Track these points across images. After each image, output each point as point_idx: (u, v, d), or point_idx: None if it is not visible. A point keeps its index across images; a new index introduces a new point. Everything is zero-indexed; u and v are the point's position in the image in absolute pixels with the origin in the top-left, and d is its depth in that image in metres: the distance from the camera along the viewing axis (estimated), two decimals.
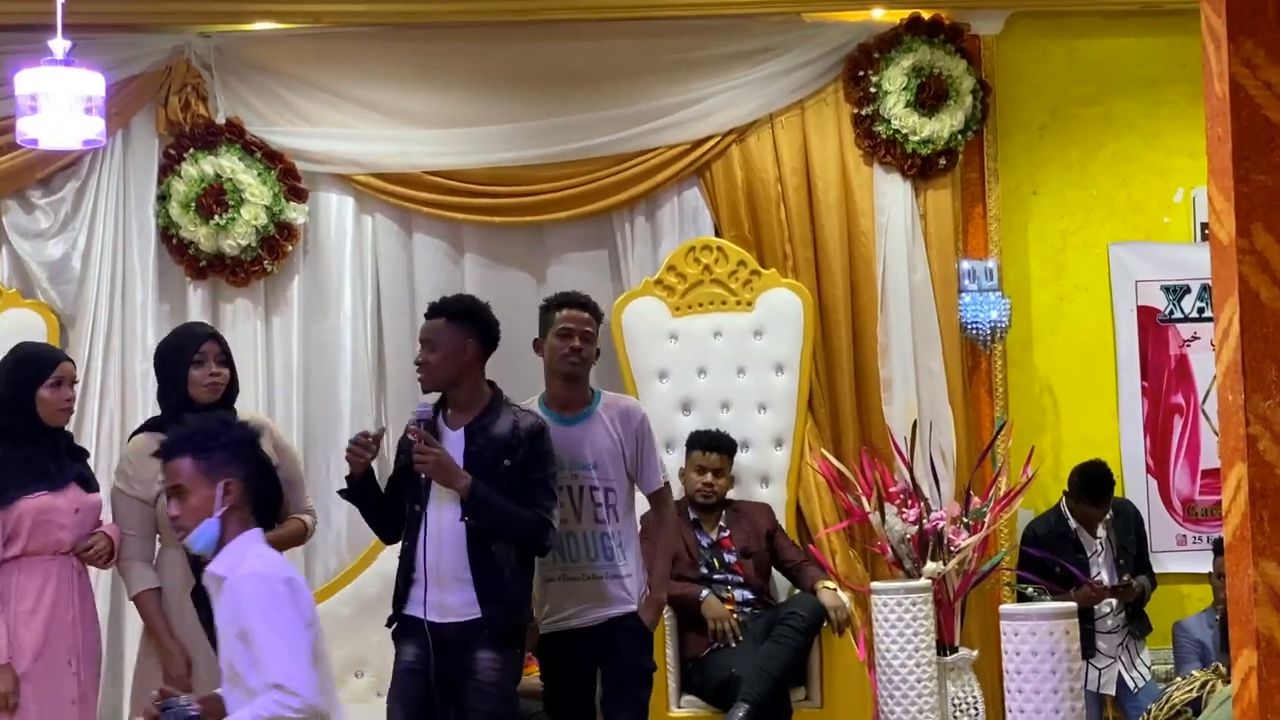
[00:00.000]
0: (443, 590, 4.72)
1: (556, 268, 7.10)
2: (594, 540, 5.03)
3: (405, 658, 4.80)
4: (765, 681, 6.00)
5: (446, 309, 4.93)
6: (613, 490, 5.05)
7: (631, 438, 5.07)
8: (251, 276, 6.82)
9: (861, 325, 7.03)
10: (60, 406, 4.96)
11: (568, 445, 5.06)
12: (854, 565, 6.83)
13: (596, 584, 5.02)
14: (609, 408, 5.12)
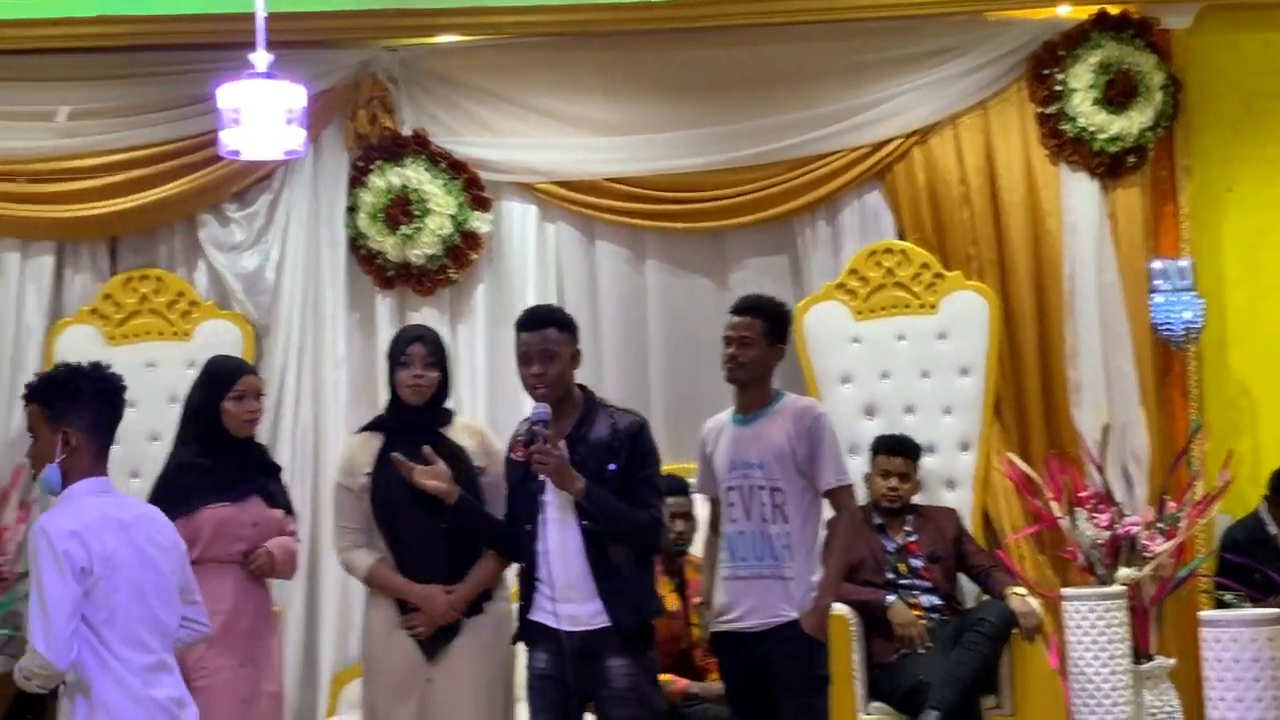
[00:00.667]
0: (570, 601, 4.71)
1: (737, 273, 7.09)
2: (759, 540, 4.97)
3: (538, 664, 4.79)
4: (955, 688, 5.92)
5: (557, 318, 4.91)
6: (780, 490, 4.98)
7: (803, 437, 5.00)
8: (437, 285, 6.92)
9: (1048, 327, 6.91)
10: (244, 418, 5.05)
11: (738, 445, 5.03)
12: (1044, 571, 6.71)
13: (762, 585, 4.95)
14: (786, 408, 5.08)
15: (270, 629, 5.16)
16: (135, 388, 6.68)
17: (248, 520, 5.04)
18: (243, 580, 5.01)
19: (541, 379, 4.76)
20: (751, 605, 4.97)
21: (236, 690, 4.92)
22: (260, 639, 5.05)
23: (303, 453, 6.87)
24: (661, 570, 6.22)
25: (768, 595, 4.95)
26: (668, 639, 6.23)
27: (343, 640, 6.81)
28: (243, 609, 4.98)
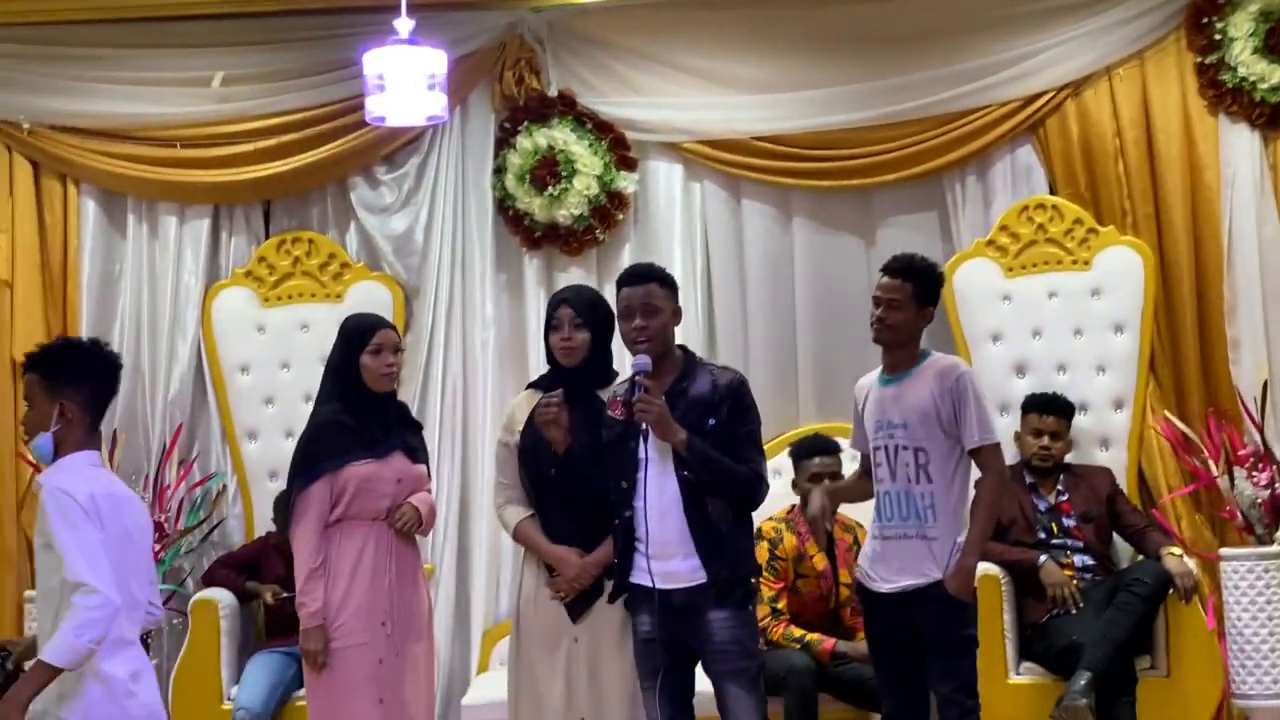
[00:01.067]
0: (667, 558, 4.67)
1: (885, 230, 7.03)
2: (904, 501, 4.94)
3: (642, 628, 4.75)
4: (1108, 649, 5.84)
5: (658, 275, 4.87)
6: (924, 450, 4.94)
7: (947, 396, 4.94)
8: (584, 245, 6.95)
9: (1206, 283, 6.76)
10: (381, 372, 5.08)
11: (882, 405, 5.01)
12: (1201, 531, 6.59)
13: (906, 545, 4.92)
14: (931, 368, 5.02)
15: (417, 587, 5.18)
16: (289, 349, 6.96)
17: (391, 476, 5.09)
18: (386, 538, 5.06)
19: (643, 332, 4.74)
20: (897, 566, 4.95)
21: (374, 650, 4.97)
22: (404, 597, 5.08)
23: (452, 412, 6.95)
24: (809, 530, 6.22)
25: (911, 556, 4.92)
26: (816, 598, 6.23)
27: (493, 597, 6.89)
28: (383, 567, 5.03)
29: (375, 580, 5.01)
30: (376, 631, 5.00)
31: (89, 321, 7.04)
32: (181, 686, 6.40)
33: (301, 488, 5.05)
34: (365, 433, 5.09)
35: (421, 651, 5.15)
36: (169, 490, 6.81)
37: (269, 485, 6.80)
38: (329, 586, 5.00)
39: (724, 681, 4.71)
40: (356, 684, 4.95)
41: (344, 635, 4.96)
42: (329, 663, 4.98)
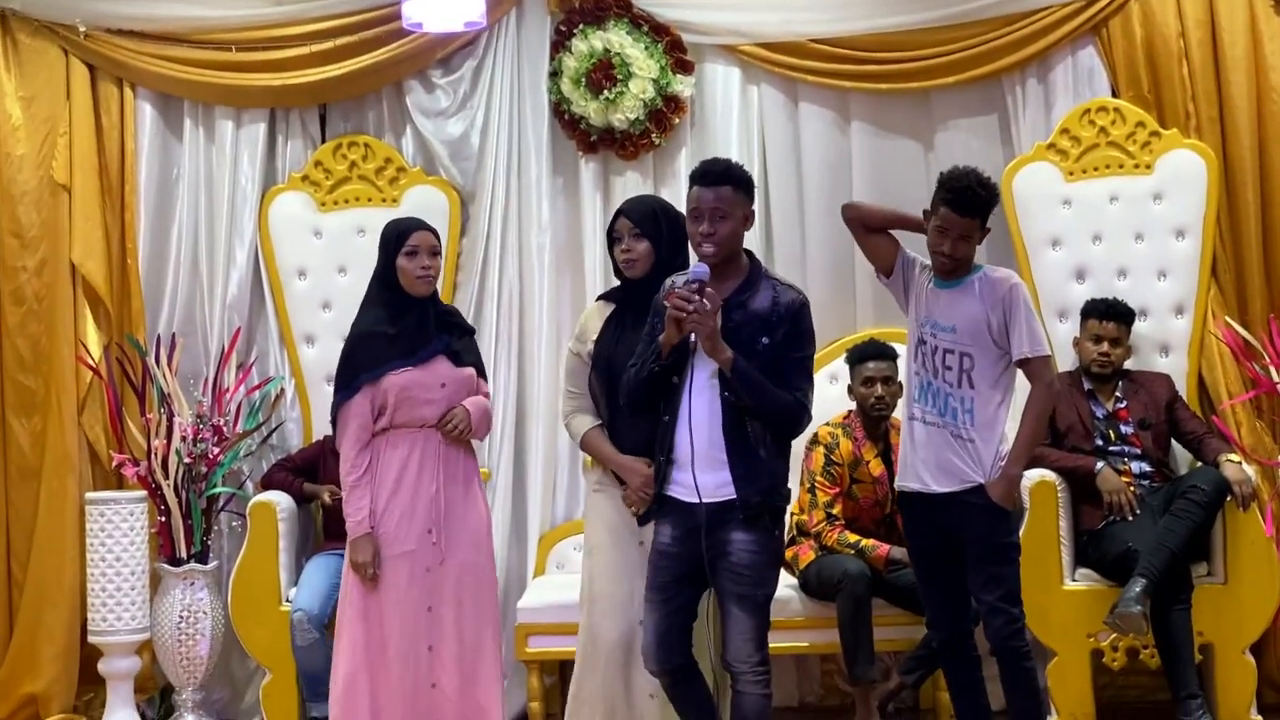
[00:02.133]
0: (700, 470, 4.56)
1: (944, 134, 6.95)
2: (940, 397, 4.96)
3: (662, 539, 4.67)
4: (1164, 556, 5.82)
5: (734, 175, 4.70)
6: (969, 356, 4.93)
7: (998, 307, 4.93)
8: (640, 150, 6.90)
9: (1270, 186, 6.66)
10: (417, 275, 5.04)
11: (933, 303, 5.02)
12: (1261, 438, 6.53)
13: (940, 435, 4.93)
14: (983, 279, 5.01)
15: (470, 494, 5.16)
16: (346, 253, 6.99)
17: (434, 382, 5.09)
18: (433, 445, 5.05)
19: (711, 238, 4.59)
20: (935, 464, 4.94)
21: (420, 559, 4.99)
22: (454, 505, 5.07)
23: (508, 317, 6.96)
24: (865, 435, 6.22)
25: (946, 450, 4.92)
26: (871, 504, 6.24)
27: (549, 502, 6.92)
28: (429, 474, 5.03)
29: (421, 488, 5.01)
30: (422, 540, 5.01)
31: (146, 225, 7.07)
32: (240, 589, 6.48)
33: (342, 401, 5.08)
34: (404, 340, 5.07)
35: (477, 560, 5.13)
36: (228, 393, 6.87)
37: (326, 389, 6.81)
38: (374, 496, 5.03)
39: (731, 603, 4.60)
40: (401, 593, 4.97)
41: (388, 544, 4.98)
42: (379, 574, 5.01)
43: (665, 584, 4.65)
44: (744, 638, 4.59)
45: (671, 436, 4.62)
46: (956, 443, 4.93)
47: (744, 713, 4.60)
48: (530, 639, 6.31)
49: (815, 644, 6.28)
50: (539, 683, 6.41)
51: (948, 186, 5.01)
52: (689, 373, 4.59)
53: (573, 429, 5.17)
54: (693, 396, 4.57)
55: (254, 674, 6.85)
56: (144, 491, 6.63)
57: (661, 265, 5.02)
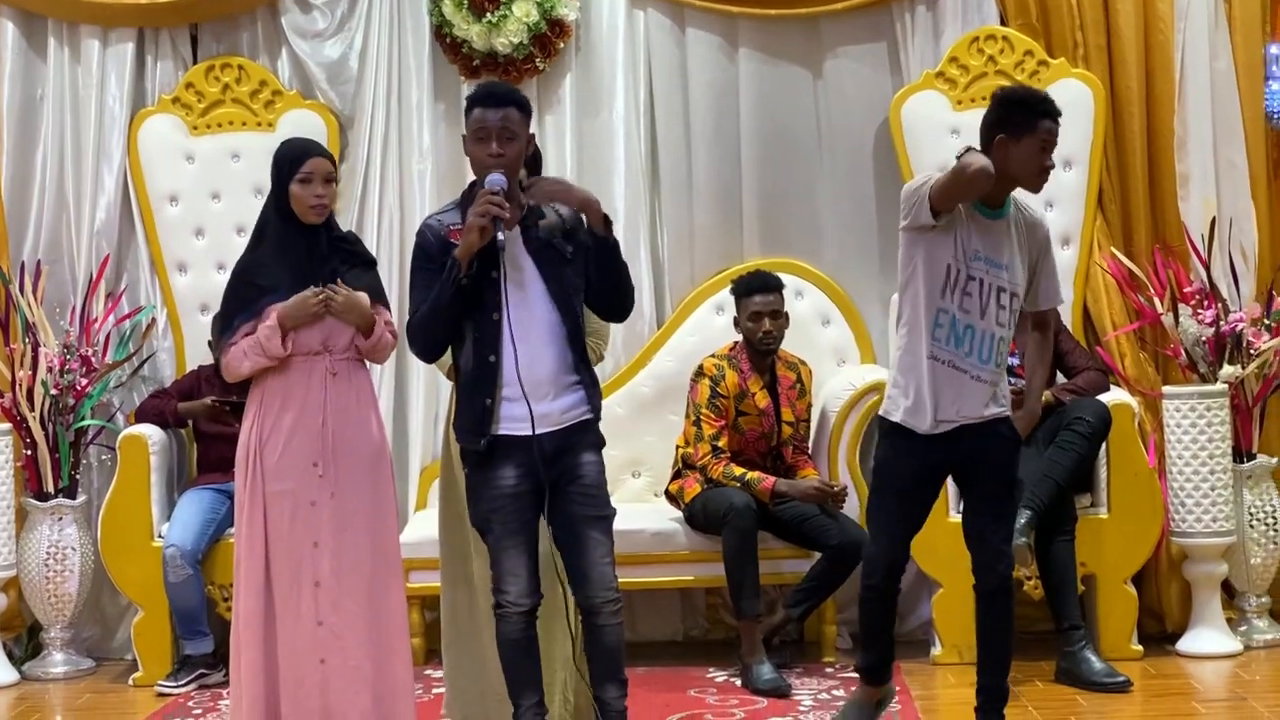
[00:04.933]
0: (541, 398, 4.41)
1: (833, 61, 6.85)
2: (988, 342, 4.67)
3: (506, 481, 4.42)
4: (1048, 488, 5.82)
5: (518, 99, 4.52)
6: (1016, 296, 4.70)
7: (1034, 248, 4.74)
8: (524, 75, 6.74)
9: (1157, 117, 6.63)
10: (310, 204, 4.81)
11: (990, 237, 4.68)
12: (1144, 369, 6.54)
13: (976, 384, 4.67)
14: (1021, 215, 4.76)
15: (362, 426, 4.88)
16: (219, 179, 6.79)
17: None
18: (321, 375, 4.81)
19: (500, 160, 4.42)
20: (962, 404, 4.67)
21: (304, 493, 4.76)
22: (344, 437, 4.83)
23: (389, 244, 6.79)
24: (751, 368, 6.15)
25: (980, 394, 4.67)
26: (757, 436, 6.18)
27: (430, 433, 6.81)
28: (315, 404, 4.79)
29: (305, 419, 4.81)
30: (307, 473, 4.82)
31: (9, 148, 6.81)
32: (110, 524, 6.31)
33: (223, 343, 4.86)
34: (291, 270, 4.84)
35: (371, 493, 4.88)
36: (96, 323, 6.65)
37: (199, 319, 6.66)
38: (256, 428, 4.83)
39: (588, 528, 4.45)
40: (284, 529, 4.80)
41: (272, 477, 4.79)
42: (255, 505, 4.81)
43: (524, 524, 4.46)
44: (605, 562, 4.47)
45: (495, 373, 4.42)
46: (985, 385, 4.68)
47: (608, 647, 4.48)
48: (410, 574, 6.16)
49: (700, 578, 6.23)
50: (420, 618, 6.31)
51: (1041, 101, 4.72)
52: (505, 308, 4.39)
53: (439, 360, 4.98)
54: (514, 324, 4.37)
55: (125, 611, 6.67)
56: (8, 424, 6.43)
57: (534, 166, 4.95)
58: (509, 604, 4.46)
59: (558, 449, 4.43)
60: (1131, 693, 5.62)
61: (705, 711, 5.56)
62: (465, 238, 4.33)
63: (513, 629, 4.48)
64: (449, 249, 4.39)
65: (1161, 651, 6.17)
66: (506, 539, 4.44)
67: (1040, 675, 5.85)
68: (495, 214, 4.30)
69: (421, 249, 4.49)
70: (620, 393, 6.73)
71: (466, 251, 4.33)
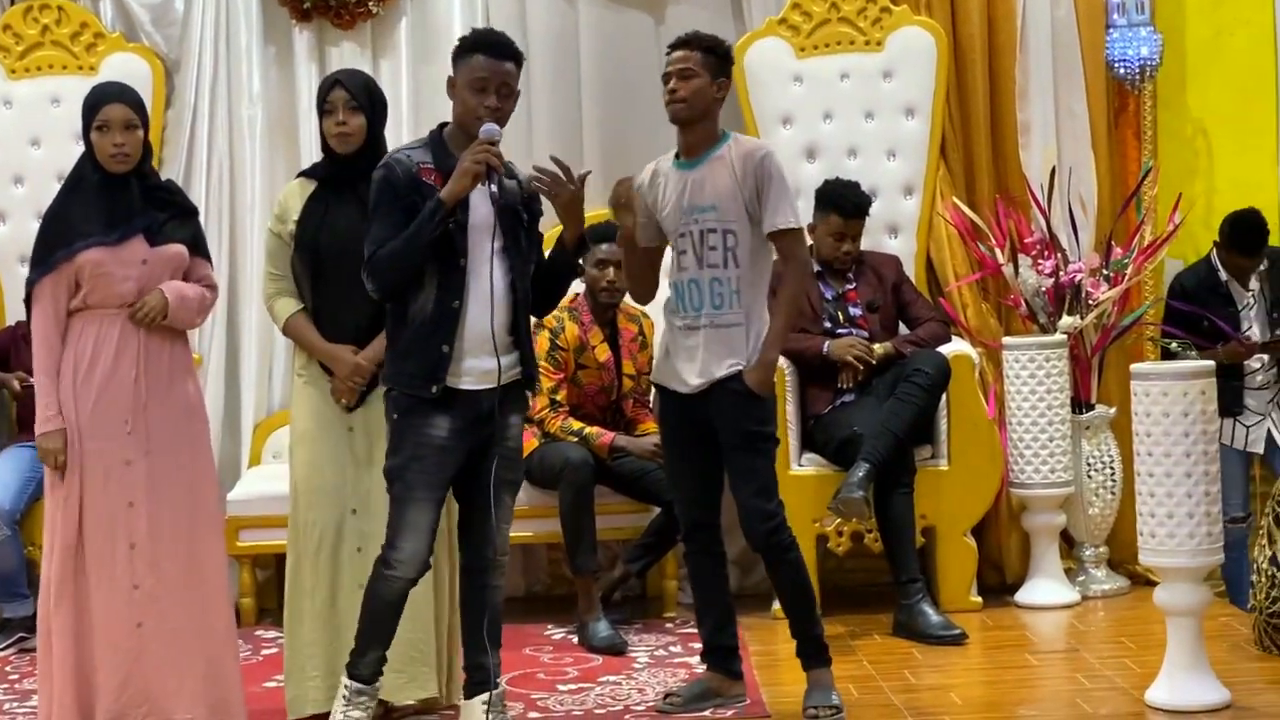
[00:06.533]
0: (489, 355, 4.43)
1: (675, 7, 6.74)
2: (711, 287, 4.72)
3: (437, 432, 4.39)
4: (887, 440, 5.78)
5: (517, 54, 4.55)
6: (732, 233, 4.71)
7: (750, 176, 4.71)
8: (357, 18, 6.57)
9: (999, 65, 6.59)
10: (110, 153, 4.61)
11: (688, 189, 4.74)
12: (986, 319, 6.52)
13: (711, 334, 4.71)
14: (734, 148, 4.77)
15: (175, 381, 4.74)
16: (38, 124, 6.54)
17: (133, 259, 4.65)
18: (132, 328, 4.67)
19: (498, 114, 4.44)
20: (701, 360, 4.72)
21: (117, 451, 4.61)
22: (159, 392, 4.69)
23: (218, 193, 6.59)
24: (593, 320, 6.04)
25: (715, 346, 4.71)
26: (597, 390, 6.08)
27: (264, 388, 6.65)
28: (128, 359, 4.63)
29: (118, 374, 4.63)
30: (119, 430, 4.66)
31: None
32: None
33: (35, 279, 4.68)
34: (103, 215, 4.64)
35: (188, 451, 4.74)
36: None
37: (19, 270, 6.37)
38: (68, 382, 4.66)
39: (503, 491, 4.52)
40: (98, 488, 4.63)
41: (83, 435, 4.62)
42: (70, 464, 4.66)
43: (442, 482, 4.46)
44: (506, 525, 4.55)
45: (461, 321, 4.40)
46: (723, 332, 4.71)
47: (496, 609, 4.56)
48: (241, 533, 6.08)
49: (539, 533, 6.13)
50: (251, 578, 6.19)
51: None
52: (467, 253, 4.40)
53: (275, 313, 4.98)
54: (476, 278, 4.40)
55: None
56: None
57: (372, 142, 4.87)
58: (399, 564, 4.41)
59: (491, 407, 4.43)
60: (967, 645, 5.62)
61: (538, 670, 5.48)
62: (458, 181, 4.33)
63: (393, 591, 4.44)
64: (418, 186, 4.37)
65: (1001, 602, 6.18)
66: (420, 490, 4.40)
67: (879, 628, 5.84)
68: (494, 165, 4.34)
69: (389, 183, 4.41)
70: None
71: (456, 195, 4.34)
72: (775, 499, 4.78)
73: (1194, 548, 4.63)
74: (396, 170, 4.41)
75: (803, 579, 4.84)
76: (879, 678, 5.23)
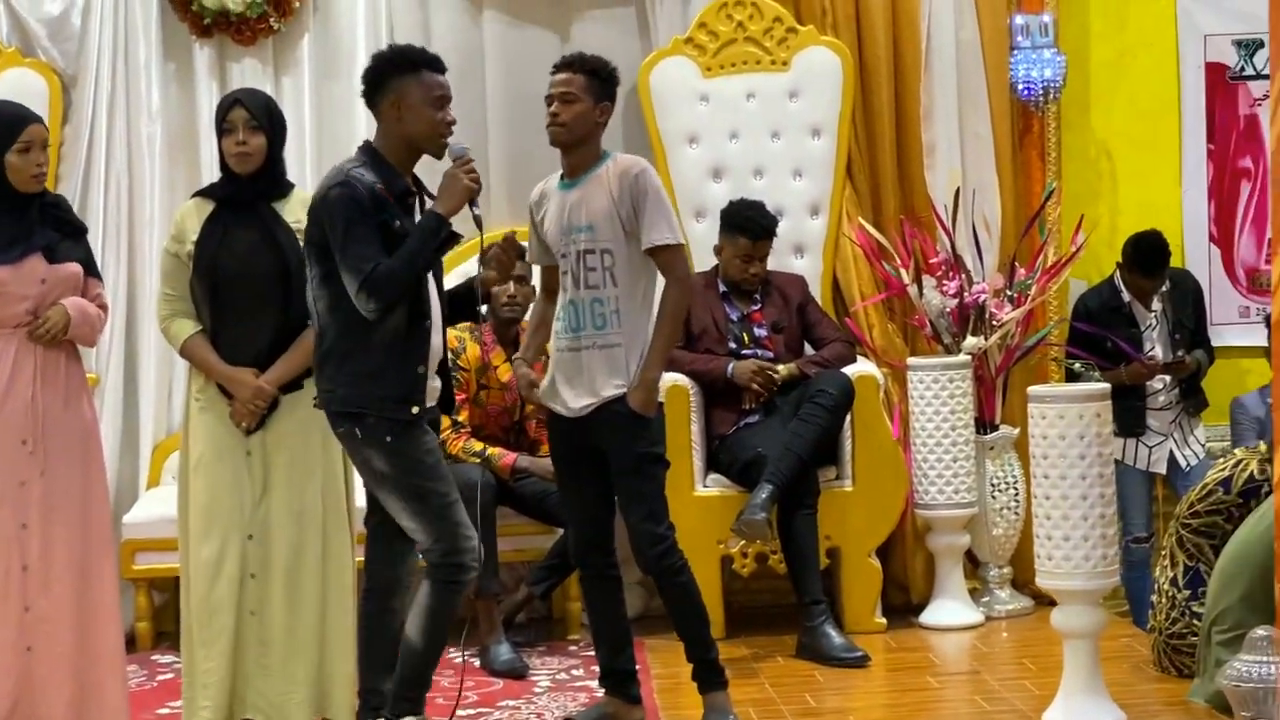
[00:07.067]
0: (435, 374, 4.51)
1: (581, 25, 6.69)
2: (590, 308, 4.70)
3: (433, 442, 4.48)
4: (790, 461, 5.76)
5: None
6: (610, 253, 4.69)
7: (627, 194, 4.70)
8: (258, 34, 6.47)
9: (904, 86, 6.60)
10: (31, 173, 4.58)
11: (565, 210, 4.75)
12: (892, 340, 6.52)
13: (592, 356, 4.68)
14: (612, 167, 4.76)
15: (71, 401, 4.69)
16: None
17: (30, 278, 4.60)
18: (28, 347, 4.62)
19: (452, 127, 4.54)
20: (585, 384, 4.70)
21: (12, 471, 4.54)
22: (55, 412, 4.63)
23: (116, 210, 6.48)
24: (495, 339, 5.99)
25: (598, 368, 4.68)
26: (500, 411, 6.03)
27: (163, 408, 6.53)
28: (25, 378, 4.58)
29: (14, 393, 4.57)
30: (16, 450, 4.59)
31: None
32: None
33: None
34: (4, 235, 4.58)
35: (82, 472, 4.69)
36: None
37: None
38: None
39: None
40: None
41: None
42: None
43: None
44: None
45: (430, 339, 4.42)
46: (605, 354, 4.69)
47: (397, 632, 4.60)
48: (137, 555, 6.00)
49: None
50: (148, 601, 6.10)
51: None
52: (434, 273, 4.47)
53: (172, 334, 4.90)
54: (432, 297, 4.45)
55: None
56: None
57: (271, 163, 4.84)
58: (473, 563, 4.41)
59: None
60: (870, 667, 5.60)
61: (437, 695, 5.38)
62: (457, 200, 4.36)
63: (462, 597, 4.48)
64: (383, 204, 4.32)
65: (905, 623, 6.17)
66: (453, 491, 4.41)
67: (783, 650, 5.82)
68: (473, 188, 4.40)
69: (356, 201, 4.31)
70: None
71: (454, 214, 4.36)
72: (665, 522, 4.75)
73: (1090, 570, 4.62)
74: (358, 188, 4.32)
75: (695, 602, 4.81)
76: (779, 701, 5.21)
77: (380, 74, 4.47)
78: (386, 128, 4.46)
